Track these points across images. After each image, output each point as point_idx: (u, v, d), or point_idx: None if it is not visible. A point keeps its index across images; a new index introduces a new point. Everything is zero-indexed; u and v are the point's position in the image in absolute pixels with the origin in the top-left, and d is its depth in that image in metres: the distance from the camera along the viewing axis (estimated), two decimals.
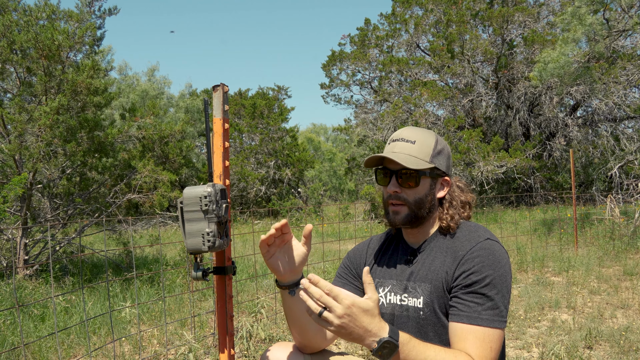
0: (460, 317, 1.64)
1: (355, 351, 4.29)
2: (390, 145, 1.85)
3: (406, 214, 1.82)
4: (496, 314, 1.62)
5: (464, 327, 1.62)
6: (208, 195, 1.69)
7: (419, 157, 1.80)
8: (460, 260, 1.72)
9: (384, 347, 1.44)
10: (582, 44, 10.52)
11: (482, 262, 1.68)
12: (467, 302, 1.64)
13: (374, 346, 1.45)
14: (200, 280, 1.79)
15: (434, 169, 1.83)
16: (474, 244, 1.74)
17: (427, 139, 1.84)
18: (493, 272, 1.66)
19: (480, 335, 1.60)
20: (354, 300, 1.43)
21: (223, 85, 1.90)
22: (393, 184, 1.81)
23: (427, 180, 1.83)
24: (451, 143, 15.49)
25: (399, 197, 1.81)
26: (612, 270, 7.16)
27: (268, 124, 19.70)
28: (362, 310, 1.43)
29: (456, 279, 1.70)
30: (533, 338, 4.50)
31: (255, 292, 6.34)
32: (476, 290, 1.65)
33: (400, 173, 1.80)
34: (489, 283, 1.64)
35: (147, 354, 4.39)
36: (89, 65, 7.02)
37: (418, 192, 1.81)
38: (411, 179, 1.80)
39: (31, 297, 6.00)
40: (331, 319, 1.42)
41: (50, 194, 8.01)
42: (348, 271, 2.03)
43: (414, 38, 19.18)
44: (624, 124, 16.54)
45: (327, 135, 46.29)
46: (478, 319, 1.61)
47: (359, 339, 1.45)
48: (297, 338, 1.88)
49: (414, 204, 1.81)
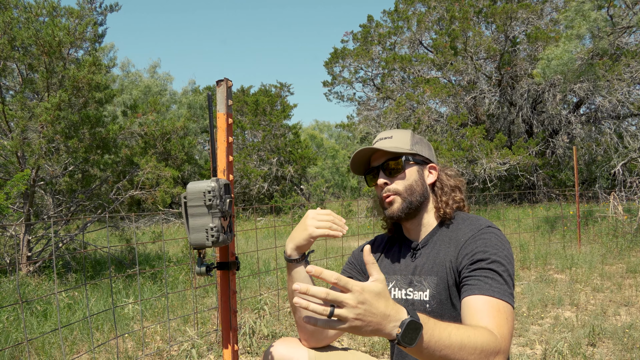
0: (472, 290, 1.59)
1: (359, 347, 4.29)
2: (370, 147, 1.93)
3: (400, 202, 1.85)
4: (505, 289, 1.58)
5: (477, 298, 1.56)
6: (212, 190, 1.68)
7: (399, 146, 1.88)
8: (462, 244, 1.73)
9: (409, 330, 1.24)
10: (585, 41, 10.47)
11: (485, 244, 1.68)
12: (478, 277, 1.61)
13: (397, 331, 1.24)
14: (204, 276, 1.78)
15: (416, 155, 1.89)
16: (475, 231, 1.75)
17: (403, 132, 1.95)
18: (497, 252, 1.65)
19: (495, 305, 1.53)
20: (363, 285, 1.23)
21: (227, 80, 1.89)
22: (381, 176, 1.87)
23: (413, 168, 1.88)
24: (454, 140, 15.46)
25: (390, 189, 1.86)
26: (615, 267, 7.14)
27: (271, 121, 19.69)
28: (375, 294, 1.24)
29: (461, 261, 1.70)
30: (536, 335, 4.49)
31: (258, 288, 6.34)
32: (483, 266, 1.62)
33: (385, 165, 1.87)
34: (495, 260, 1.63)
35: (150, 350, 4.39)
36: (89, 61, 7.01)
37: (407, 180, 1.86)
38: (397, 166, 1.86)
39: (34, 294, 6.00)
40: (345, 314, 1.20)
41: (53, 190, 8.02)
42: (353, 267, 2.04)
43: (416, 35, 19.14)
44: (628, 121, 16.49)
45: (329, 132, 46.25)
46: (490, 290, 1.56)
47: (379, 329, 1.25)
48: (303, 327, 1.88)
49: (405, 191, 1.85)
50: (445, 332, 1.33)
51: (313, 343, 1.91)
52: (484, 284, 1.58)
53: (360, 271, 2.02)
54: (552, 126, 17.24)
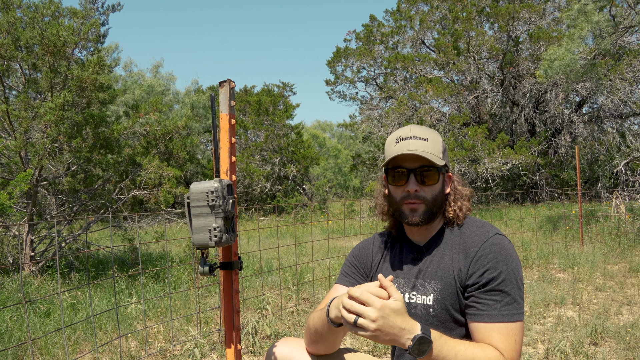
0: (481, 316, 1.67)
1: (361, 347, 4.30)
2: (403, 143, 1.80)
3: (424, 210, 1.80)
4: (514, 307, 1.66)
5: (487, 325, 1.65)
6: (215, 190, 1.69)
7: (435, 154, 1.80)
8: (473, 257, 1.73)
9: (420, 344, 1.47)
10: (588, 41, 10.46)
11: (495, 258, 1.70)
12: (486, 301, 1.67)
13: (409, 344, 1.48)
14: (207, 276, 1.79)
15: (445, 166, 1.84)
16: (484, 240, 1.75)
17: (437, 136, 1.85)
18: (507, 267, 1.69)
19: (503, 330, 1.63)
20: (384, 302, 1.46)
21: (229, 81, 1.90)
22: (412, 182, 1.78)
23: (441, 178, 1.84)
24: (456, 140, 15.46)
25: (418, 196, 1.79)
26: (617, 267, 7.13)
27: (273, 121, 19.70)
28: (393, 311, 1.46)
29: (471, 276, 1.71)
30: (538, 334, 4.49)
31: (261, 288, 6.35)
32: (493, 287, 1.67)
33: (420, 171, 1.78)
34: (505, 279, 1.68)
35: (153, 350, 4.40)
36: (94, 61, 7.03)
37: (435, 190, 1.81)
38: (432, 176, 1.79)
39: (37, 293, 6.02)
40: (366, 324, 1.45)
41: (56, 190, 8.03)
42: (355, 269, 2.01)
43: (419, 35, 19.13)
44: (630, 121, 16.48)
45: (332, 131, 46.26)
46: (499, 316, 1.65)
47: (395, 339, 1.48)
48: (318, 349, 1.87)
49: (431, 201, 1.81)
50: (452, 351, 1.53)
51: (321, 353, 1.89)
52: (493, 309, 1.66)
53: (363, 274, 1.99)
54: (555, 125, 17.22)
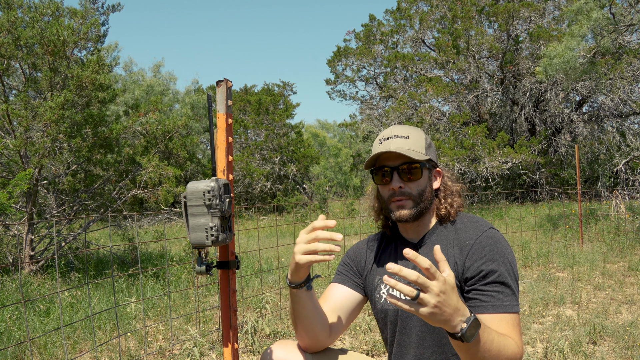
0: (486, 307, 1.69)
1: (360, 346, 4.31)
2: (385, 143, 1.86)
3: (411, 206, 1.83)
4: (514, 299, 1.70)
5: (494, 316, 1.67)
6: (211, 189, 1.70)
7: (416, 150, 1.84)
8: (468, 250, 1.76)
9: (472, 327, 1.39)
10: (588, 39, 10.45)
11: (492, 251, 1.73)
12: (489, 292, 1.69)
13: (462, 326, 1.39)
14: (204, 275, 1.80)
15: (429, 161, 1.88)
16: (479, 234, 1.79)
17: (418, 133, 1.90)
18: (503, 259, 1.73)
19: (510, 321, 1.66)
20: (445, 277, 1.36)
21: (226, 80, 1.90)
22: (396, 179, 1.83)
23: (426, 172, 1.87)
24: (456, 139, 15.46)
25: (404, 193, 1.83)
26: (617, 266, 7.14)
27: (273, 120, 19.69)
28: (452, 287, 1.36)
29: (468, 269, 1.74)
30: (537, 333, 4.50)
31: (260, 287, 6.35)
32: (494, 280, 1.70)
33: (402, 168, 1.82)
34: (504, 271, 1.71)
35: (153, 349, 4.41)
36: (94, 61, 7.04)
37: (420, 185, 1.85)
38: (414, 171, 1.83)
39: (37, 293, 6.03)
40: (428, 299, 1.32)
41: (56, 190, 8.04)
42: (349, 268, 2.04)
43: (419, 34, 19.13)
44: (630, 120, 16.47)
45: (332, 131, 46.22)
46: (503, 306, 1.67)
47: (448, 320, 1.37)
48: (304, 337, 1.87)
49: (417, 196, 1.84)
50: (490, 336, 1.50)
51: (312, 350, 1.90)
52: (497, 300, 1.68)
53: (356, 273, 2.02)
54: (555, 125, 17.22)
